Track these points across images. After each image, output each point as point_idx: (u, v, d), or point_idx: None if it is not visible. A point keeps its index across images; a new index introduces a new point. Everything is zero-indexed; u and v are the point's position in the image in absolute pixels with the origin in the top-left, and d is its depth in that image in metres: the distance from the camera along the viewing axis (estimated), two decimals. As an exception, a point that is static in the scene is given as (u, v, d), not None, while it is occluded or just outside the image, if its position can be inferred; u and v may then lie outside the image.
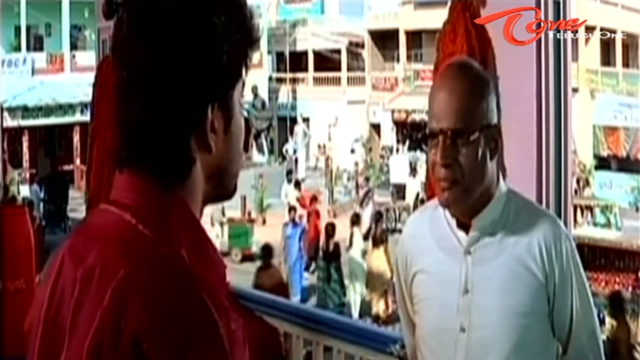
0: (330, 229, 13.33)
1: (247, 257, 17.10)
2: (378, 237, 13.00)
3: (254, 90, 25.99)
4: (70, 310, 1.03)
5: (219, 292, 1.04)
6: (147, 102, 1.06)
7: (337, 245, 13.04)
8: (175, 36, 1.05)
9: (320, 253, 13.41)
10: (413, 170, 22.48)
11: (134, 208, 1.06)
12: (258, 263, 11.91)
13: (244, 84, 1.14)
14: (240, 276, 10.95)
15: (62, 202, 19.93)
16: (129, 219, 1.05)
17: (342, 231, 15.15)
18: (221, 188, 1.15)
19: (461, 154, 1.82)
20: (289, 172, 21.34)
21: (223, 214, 18.76)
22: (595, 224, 16.39)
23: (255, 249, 16.84)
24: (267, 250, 10.93)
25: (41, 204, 19.21)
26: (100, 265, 1.02)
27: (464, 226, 1.91)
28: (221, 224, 18.45)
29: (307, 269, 14.96)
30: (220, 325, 0.99)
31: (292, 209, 15.48)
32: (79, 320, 1.01)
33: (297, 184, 20.60)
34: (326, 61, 33.47)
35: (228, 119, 1.11)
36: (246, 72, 1.14)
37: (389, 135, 30.49)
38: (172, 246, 1.03)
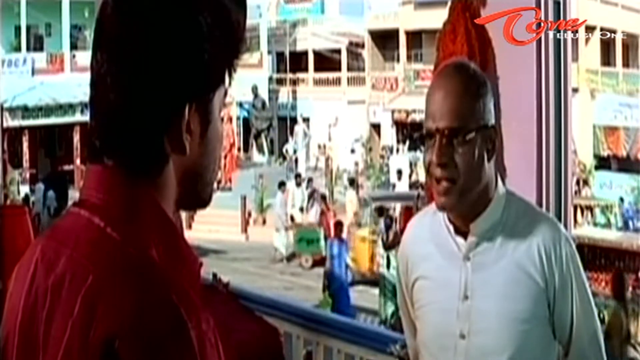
0: (390, 221, 14.46)
1: (318, 263, 16.88)
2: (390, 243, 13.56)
3: (254, 90, 25.98)
4: (43, 321, 1.02)
5: (190, 292, 1.02)
6: (123, 90, 1.04)
7: (396, 234, 13.68)
8: (158, 22, 1.04)
9: (380, 242, 14.25)
10: (398, 173, 22.45)
11: (103, 208, 1.05)
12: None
13: (226, 93, 1.12)
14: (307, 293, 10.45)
15: (62, 201, 19.95)
16: (97, 222, 1.04)
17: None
18: (194, 194, 1.13)
19: (457, 153, 1.81)
20: (298, 176, 20.64)
21: (291, 219, 18.64)
22: (595, 224, 16.40)
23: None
24: None
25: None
26: (69, 272, 1.01)
27: (462, 232, 1.90)
28: (287, 229, 18.32)
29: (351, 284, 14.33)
30: (189, 326, 0.97)
31: (338, 224, 14.64)
32: (51, 332, 1.01)
33: (352, 182, 20.16)
34: (326, 61, 33.47)
35: (206, 123, 1.09)
36: (230, 81, 1.12)
37: (389, 135, 30.49)
38: (141, 247, 1.02)
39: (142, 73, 1.04)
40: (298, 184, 19.96)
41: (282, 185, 19.68)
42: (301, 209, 19.39)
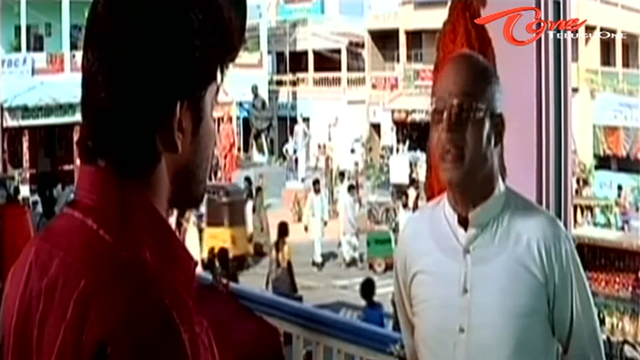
0: None
1: (391, 267, 16.56)
2: None
3: (254, 90, 25.99)
4: (36, 324, 1.02)
5: (183, 294, 1.02)
6: (114, 88, 1.04)
7: None
8: (149, 20, 1.04)
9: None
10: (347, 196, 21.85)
11: (96, 210, 1.04)
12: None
13: (218, 90, 1.12)
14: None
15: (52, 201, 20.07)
16: (90, 225, 1.03)
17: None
18: (186, 192, 1.13)
19: (467, 129, 1.83)
20: (316, 182, 19.32)
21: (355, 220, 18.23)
22: (595, 224, 16.40)
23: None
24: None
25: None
26: (62, 276, 1.01)
27: (464, 222, 1.91)
28: (356, 234, 17.91)
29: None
30: (181, 329, 0.97)
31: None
32: (44, 335, 1.00)
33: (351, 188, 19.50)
34: (326, 61, 33.46)
35: (198, 121, 1.08)
36: (222, 78, 1.11)
37: (389, 135, 30.48)
38: (134, 249, 1.01)
39: (132, 71, 1.03)
40: (317, 191, 18.68)
41: (316, 183, 18.89)
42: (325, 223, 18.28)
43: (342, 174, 22.77)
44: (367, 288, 9.66)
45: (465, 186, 1.88)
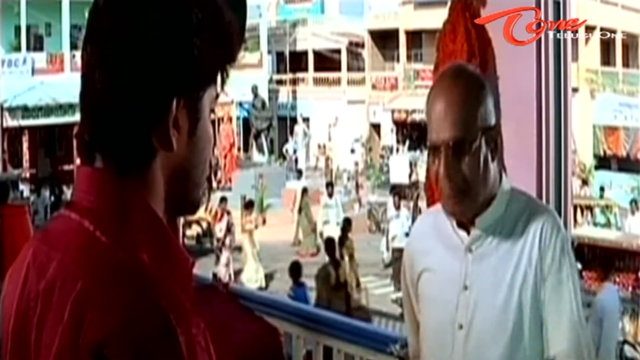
0: None
1: None
2: None
3: (254, 90, 25.97)
4: (34, 327, 1.02)
5: (180, 295, 1.02)
6: (111, 82, 1.04)
7: None
8: (148, 17, 1.05)
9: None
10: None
11: (93, 211, 1.04)
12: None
13: (217, 96, 1.12)
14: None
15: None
16: (87, 226, 1.03)
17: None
18: (183, 194, 1.12)
19: (464, 163, 1.84)
20: (330, 185, 18.90)
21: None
22: (595, 224, 16.41)
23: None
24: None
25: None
26: (60, 278, 1.01)
27: (464, 226, 1.93)
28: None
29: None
30: (178, 331, 0.97)
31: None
32: (42, 337, 1.00)
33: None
34: (326, 61, 33.46)
35: (195, 121, 1.09)
36: (222, 84, 1.11)
37: (389, 135, 30.49)
38: (131, 250, 1.01)
39: (129, 65, 1.04)
40: (330, 195, 18.35)
41: (329, 186, 18.67)
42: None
43: (299, 172, 22.50)
44: (295, 270, 11.08)
45: (469, 213, 1.91)
